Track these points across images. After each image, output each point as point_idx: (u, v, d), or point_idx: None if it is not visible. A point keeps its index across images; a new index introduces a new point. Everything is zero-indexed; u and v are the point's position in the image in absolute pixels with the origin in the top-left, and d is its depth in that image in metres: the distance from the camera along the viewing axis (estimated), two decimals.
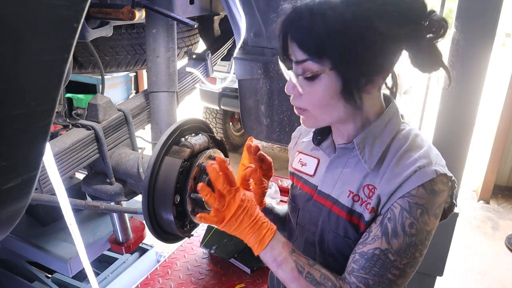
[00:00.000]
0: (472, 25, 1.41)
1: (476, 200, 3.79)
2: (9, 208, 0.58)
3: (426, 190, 0.76)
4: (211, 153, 1.19)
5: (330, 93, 0.77)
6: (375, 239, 0.78)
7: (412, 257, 0.77)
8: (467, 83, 1.50)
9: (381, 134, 0.83)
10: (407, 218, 0.76)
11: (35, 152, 0.56)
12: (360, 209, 0.82)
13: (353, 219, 0.84)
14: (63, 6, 0.49)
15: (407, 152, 0.80)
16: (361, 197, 0.83)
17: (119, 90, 4.59)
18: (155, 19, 1.34)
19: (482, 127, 3.70)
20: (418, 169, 0.76)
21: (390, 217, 0.77)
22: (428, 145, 0.82)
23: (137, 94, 1.94)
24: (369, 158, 0.82)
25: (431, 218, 0.77)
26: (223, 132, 4.55)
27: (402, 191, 0.76)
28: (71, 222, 1.01)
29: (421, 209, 0.76)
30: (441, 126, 1.59)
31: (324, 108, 0.80)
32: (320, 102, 0.79)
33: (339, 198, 0.86)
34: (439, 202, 0.78)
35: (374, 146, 0.82)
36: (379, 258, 0.77)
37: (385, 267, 0.77)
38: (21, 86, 0.49)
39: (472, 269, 2.86)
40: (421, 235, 0.77)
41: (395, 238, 0.76)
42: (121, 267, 2.07)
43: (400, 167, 0.78)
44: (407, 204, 0.76)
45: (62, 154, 1.14)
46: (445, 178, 0.78)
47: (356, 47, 0.72)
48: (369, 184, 0.82)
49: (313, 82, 0.77)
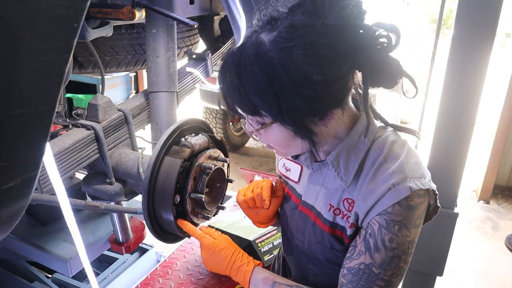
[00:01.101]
0: (472, 25, 1.41)
1: (476, 200, 3.79)
2: (9, 208, 0.58)
3: (402, 207, 0.74)
4: (211, 153, 1.19)
5: (285, 136, 0.76)
6: (360, 254, 0.79)
7: (396, 267, 0.77)
8: (467, 83, 1.50)
9: (355, 147, 0.80)
10: (385, 234, 0.75)
11: (35, 152, 0.56)
12: (342, 222, 0.82)
13: (336, 232, 0.84)
14: (63, 6, 0.49)
15: (382, 164, 0.77)
16: (341, 210, 0.82)
17: (119, 90, 4.59)
18: (155, 19, 1.34)
19: (482, 127, 3.70)
20: (392, 186, 0.74)
21: (370, 233, 0.77)
22: (405, 153, 0.78)
23: (137, 94, 1.93)
24: (344, 175, 0.80)
25: (411, 230, 0.76)
26: (223, 132, 4.55)
27: (378, 208, 0.76)
28: (71, 222, 1.01)
29: (399, 225, 0.75)
30: (441, 126, 1.59)
31: (285, 147, 0.80)
32: (279, 144, 0.80)
33: (321, 211, 0.86)
34: (417, 214, 0.76)
35: (349, 160, 0.80)
36: (364, 272, 0.78)
37: (371, 280, 0.78)
38: (21, 86, 0.49)
39: (472, 269, 2.86)
40: (403, 246, 0.76)
41: (377, 253, 0.76)
42: (121, 267, 2.06)
43: (375, 183, 0.76)
44: (384, 221, 0.75)
45: (62, 154, 1.14)
46: (421, 191, 0.75)
47: (291, 98, 0.68)
48: (348, 198, 0.81)
49: (265, 131, 0.77)
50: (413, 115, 5.46)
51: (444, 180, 1.59)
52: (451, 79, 1.52)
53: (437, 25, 1.69)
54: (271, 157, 4.75)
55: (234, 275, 0.94)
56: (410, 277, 1.81)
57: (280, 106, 0.69)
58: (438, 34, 1.67)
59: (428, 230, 1.67)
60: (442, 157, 1.61)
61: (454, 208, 1.62)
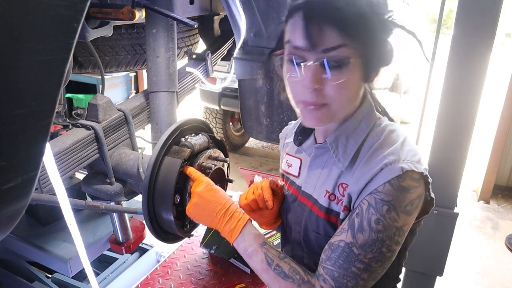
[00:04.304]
0: (472, 25, 1.41)
1: (476, 200, 3.79)
2: (9, 208, 0.58)
3: (393, 186, 0.74)
4: (211, 153, 1.19)
5: (356, 81, 0.75)
6: (341, 231, 0.79)
7: (378, 252, 0.75)
8: (467, 83, 1.50)
9: (354, 132, 0.82)
10: (373, 214, 0.75)
11: (35, 152, 0.56)
12: (337, 207, 0.82)
13: (331, 218, 0.84)
14: (63, 6, 0.49)
15: (378, 149, 0.78)
16: (336, 196, 0.83)
17: (119, 90, 4.59)
18: (155, 19, 1.34)
19: (482, 127, 3.70)
20: (385, 166, 0.75)
21: (358, 213, 0.77)
22: (402, 140, 0.79)
23: (137, 94, 1.93)
24: (342, 157, 0.82)
25: (400, 215, 0.75)
26: (223, 132, 4.55)
27: (369, 188, 0.76)
28: (71, 222, 1.01)
29: (388, 206, 0.74)
30: (441, 126, 1.59)
31: (347, 99, 0.77)
32: (347, 91, 0.75)
33: (318, 199, 0.86)
34: (409, 198, 0.75)
35: (348, 144, 0.81)
36: (343, 250, 0.77)
37: (349, 260, 0.76)
38: (21, 86, 0.49)
39: (472, 269, 2.86)
40: (389, 231, 0.75)
41: (360, 232, 0.75)
42: (121, 267, 2.07)
43: (369, 165, 0.77)
44: (373, 200, 0.75)
45: (62, 154, 1.14)
46: (415, 174, 0.75)
47: (379, 32, 0.74)
48: (343, 182, 0.82)
49: (342, 71, 0.72)
50: (413, 115, 5.46)
51: (444, 180, 1.59)
52: (451, 79, 1.52)
53: (437, 25, 1.69)
54: (271, 157, 4.75)
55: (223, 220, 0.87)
56: (410, 277, 1.81)
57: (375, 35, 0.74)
58: (438, 34, 1.67)
59: (428, 230, 1.68)
60: (442, 157, 1.61)
61: (454, 208, 1.62)
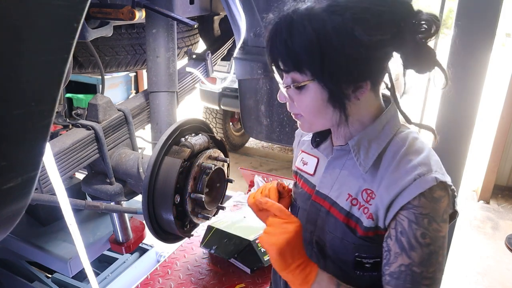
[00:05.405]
0: (472, 25, 1.41)
1: (476, 200, 3.79)
2: (9, 208, 0.58)
3: (427, 199, 0.75)
4: (211, 153, 1.19)
5: (319, 101, 0.78)
6: (396, 256, 0.78)
7: (436, 263, 0.77)
8: (467, 83, 1.50)
9: (377, 136, 0.82)
10: (417, 230, 0.75)
11: (35, 152, 0.56)
12: (358, 213, 0.82)
13: (350, 223, 0.84)
14: (63, 6, 0.49)
15: (406, 156, 0.79)
16: (359, 201, 0.82)
17: (119, 90, 4.59)
18: (155, 19, 1.34)
19: (482, 127, 3.70)
20: (418, 177, 0.75)
21: (401, 231, 0.77)
22: (428, 150, 0.81)
23: (137, 94, 1.94)
24: (364, 161, 0.82)
25: (440, 224, 0.76)
26: (223, 132, 4.55)
27: (402, 199, 0.75)
28: (71, 222, 1.01)
29: (428, 218, 0.75)
30: (441, 126, 1.59)
31: (315, 114, 0.81)
32: (310, 109, 0.81)
33: (337, 200, 0.86)
34: (443, 207, 0.77)
35: (370, 148, 0.82)
36: (407, 273, 0.76)
37: (416, 280, 0.76)
38: (21, 86, 0.49)
39: (472, 269, 2.86)
40: (437, 242, 0.76)
41: (413, 251, 0.76)
42: (121, 267, 2.07)
43: (399, 173, 0.77)
44: (412, 216, 0.75)
45: (62, 154, 1.14)
46: (443, 184, 0.77)
47: (336, 57, 0.72)
48: (368, 188, 0.81)
49: (301, 92, 0.79)
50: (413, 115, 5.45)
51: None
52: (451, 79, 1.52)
53: None
54: (271, 157, 4.75)
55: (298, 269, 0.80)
56: None
57: (323, 63, 0.73)
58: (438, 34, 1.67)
59: None
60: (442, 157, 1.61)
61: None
